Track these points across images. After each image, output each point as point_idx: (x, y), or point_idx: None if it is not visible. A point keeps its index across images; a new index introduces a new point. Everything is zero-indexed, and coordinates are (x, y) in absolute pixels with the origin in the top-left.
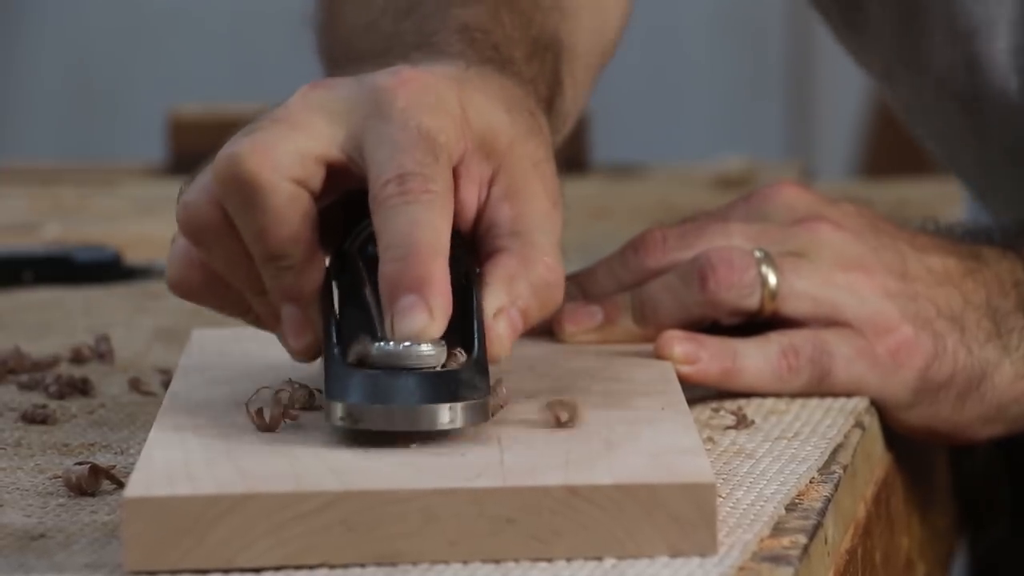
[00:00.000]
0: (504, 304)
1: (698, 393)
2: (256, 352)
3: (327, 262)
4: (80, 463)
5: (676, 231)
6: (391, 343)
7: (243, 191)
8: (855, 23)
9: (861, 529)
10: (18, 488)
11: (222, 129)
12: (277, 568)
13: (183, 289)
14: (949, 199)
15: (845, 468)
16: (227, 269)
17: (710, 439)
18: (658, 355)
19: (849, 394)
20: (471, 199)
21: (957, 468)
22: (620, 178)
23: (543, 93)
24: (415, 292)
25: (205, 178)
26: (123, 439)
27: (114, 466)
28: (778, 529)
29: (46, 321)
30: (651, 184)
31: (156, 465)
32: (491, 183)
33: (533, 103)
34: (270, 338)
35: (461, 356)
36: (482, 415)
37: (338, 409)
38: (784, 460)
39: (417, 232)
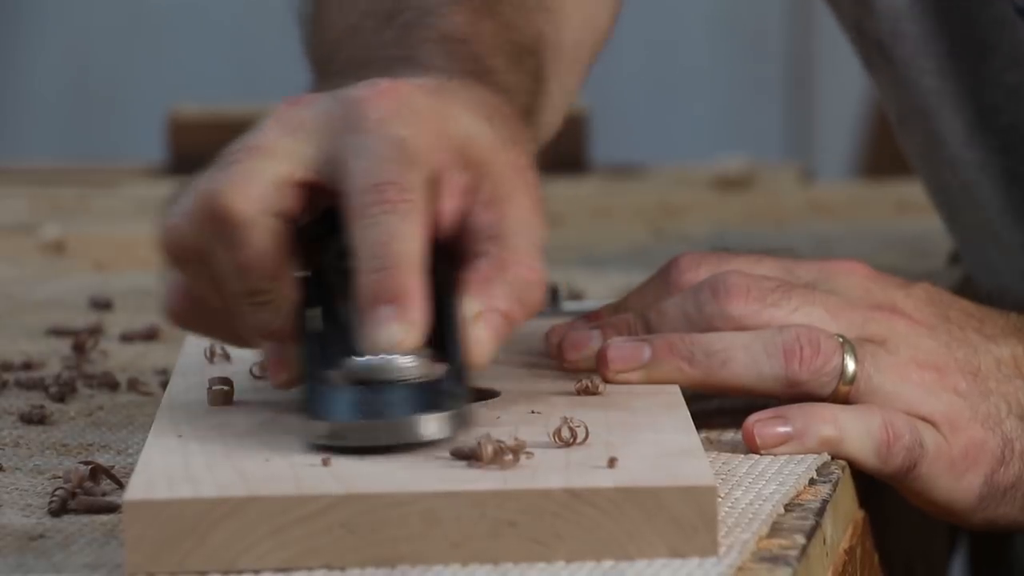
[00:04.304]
0: (479, 308)
1: (698, 393)
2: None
3: (301, 277)
4: (83, 462)
5: (759, 285)
6: (369, 357)
7: (224, 228)
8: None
9: (860, 529)
10: (17, 488)
11: (222, 129)
12: (278, 571)
13: (180, 319)
14: None
15: (844, 468)
16: (210, 292)
17: (708, 439)
18: (748, 445)
19: (917, 495)
20: (451, 209)
21: None
22: (620, 178)
23: (522, 101)
24: (392, 303)
25: (187, 201)
26: (122, 439)
27: (113, 466)
28: (777, 529)
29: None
30: (651, 184)
31: (156, 467)
32: (473, 192)
33: (511, 112)
34: None
35: (441, 366)
36: (463, 423)
37: (320, 428)
38: (783, 460)
39: (394, 243)
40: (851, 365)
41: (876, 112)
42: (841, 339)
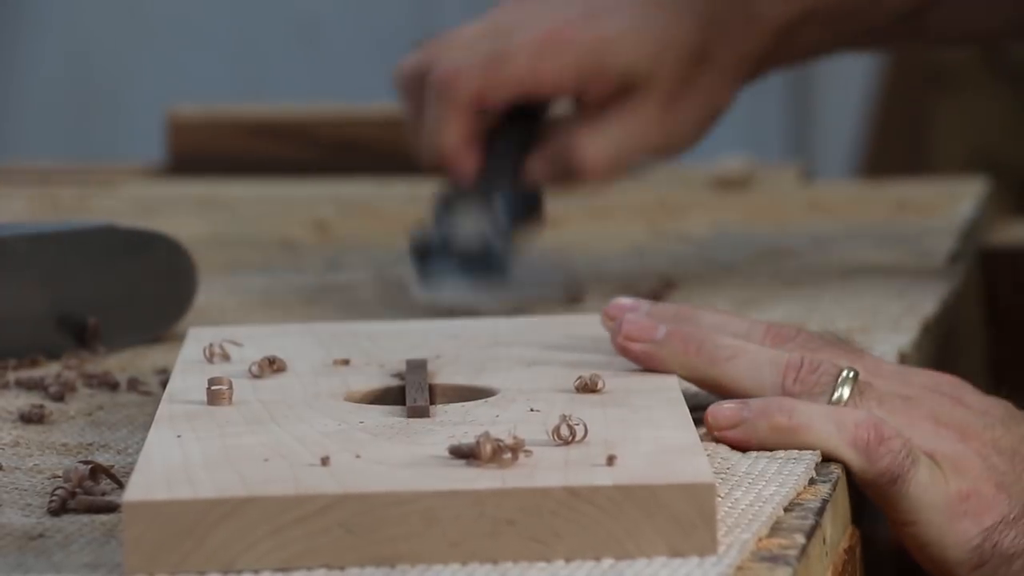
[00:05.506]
0: None
1: (697, 392)
2: (253, 350)
3: None
4: (83, 462)
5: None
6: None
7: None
8: None
9: (859, 529)
10: (17, 487)
11: (221, 129)
12: (277, 571)
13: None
14: (949, 199)
15: (843, 468)
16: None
17: (708, 437)
18: (709, 430)
19: (909, 523)
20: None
21: None
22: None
23: None
24: None
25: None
26: (122, 439)
27: (113, 466)
28: (776, 528)
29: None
30: (651, 184)
31: (155, 468)
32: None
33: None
34: (267, 336)
35: None
36: None
37: None
38: (782, 460)
39: None
40: (845, 392)
41: (876, 112)
42: (848, 373)
